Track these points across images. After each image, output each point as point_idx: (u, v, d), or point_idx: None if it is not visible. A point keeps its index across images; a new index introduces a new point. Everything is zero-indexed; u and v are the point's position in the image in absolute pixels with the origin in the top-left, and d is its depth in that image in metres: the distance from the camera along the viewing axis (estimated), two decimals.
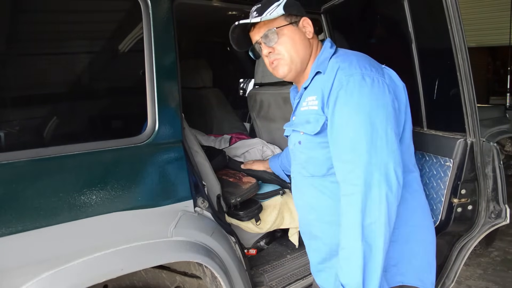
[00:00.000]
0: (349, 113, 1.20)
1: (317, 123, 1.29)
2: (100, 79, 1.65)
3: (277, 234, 2.56)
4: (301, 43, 1.40)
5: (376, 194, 1.13)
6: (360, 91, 1.20)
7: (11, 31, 1.39)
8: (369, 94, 1.20)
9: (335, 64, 1.29)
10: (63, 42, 1.55)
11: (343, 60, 1.30)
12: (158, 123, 1.58)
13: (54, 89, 1.53)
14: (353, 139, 1.18)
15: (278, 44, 1.39)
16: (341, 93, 1.22)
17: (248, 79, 4.67)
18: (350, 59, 1.28)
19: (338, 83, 1.23)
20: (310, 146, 1.35)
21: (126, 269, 1.42)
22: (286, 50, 1.39)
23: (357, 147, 1.17)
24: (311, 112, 1.33)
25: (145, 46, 1.57)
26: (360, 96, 1.19)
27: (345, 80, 1.22)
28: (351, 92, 1.20)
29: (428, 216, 1.42)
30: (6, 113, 1.40)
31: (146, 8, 1.56)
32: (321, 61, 1.37)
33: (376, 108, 1.19)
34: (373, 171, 1.14)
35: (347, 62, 1.27)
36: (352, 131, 1.18)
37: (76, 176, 1.41)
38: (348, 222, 1.16)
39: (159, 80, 1.58)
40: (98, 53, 1.65)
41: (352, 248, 1.14)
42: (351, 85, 1.21)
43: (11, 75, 1.41)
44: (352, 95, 1.20)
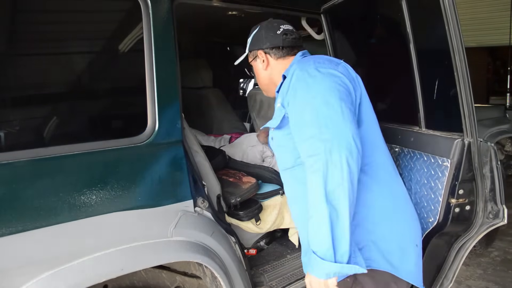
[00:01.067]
0: (304, 97, 1.31)
1: (278, 117, 1.43)
2: (100, 79, 1.65)
3: (277, 234, 2.57)
4: (262, 75, 1.66)
5: (336, 159, 1.16)
6: (314, 78, 1.32)
7: (11, 31, 1.40)
8: (322, 78, 1.31)
9: (294, 66, 1.45)
10: (63, 42, 1.55)
11: (301, 61, 1.47)
12: (158, 123, 1.58)
13: (54, 89, 1.53)
14: (311, 118, 1.25)
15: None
16: (296, 84, 1.36)
17: (248, 79, 4.67)
18: (307, 60, 1.45)
19: (296, 78, 1.37)
20: (279, 140, 1.49)
21: (126, 269, 1.42)
22: (257, 81, 1.73)
23: (314, 124, 1.24)
24: (276, 109, 1.48)
25: (145, 46, 1.57)
26: (314, 82, 1.31)
27: (300, 74, 1.36)
28: (305, 80, 1.33)
29: (403, 203, 1.46)
30: (6, 113, 1.40)
31: (146, 8, 1.56)
32: (288, 68, 1.53)
33: (329, 89, 1.28)
34: (332, 139, 1.18)
35: (303, 62, 1.43)
36: (309, 111, 1.27)
37: (76, 176, 1.41)
38: (313, 191, 1.19)
39: (159, 80, 1.58)
40: (98, 53, 1.65)
41: (318, 215, 1.16)
42: (305, 75, 1.34)
43: (11, 75, 1.41)
44: (306, 82, 1.33)
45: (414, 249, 1.41)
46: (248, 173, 2.47)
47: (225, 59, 4.48)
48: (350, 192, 1.16)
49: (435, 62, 1.71)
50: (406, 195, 1.51)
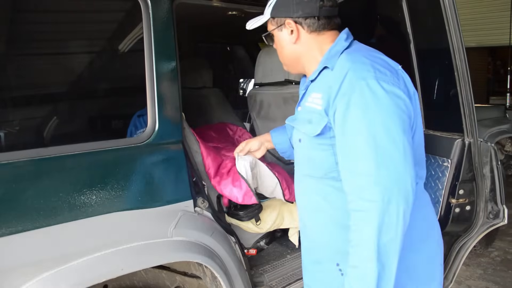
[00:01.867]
0: (360, 118, 1.09)
1: (318, 125, 1.21)
2: (100, 79, 1.66)
3: (277, 234, 2.57)
4: (289, 50, 1.35)
5: (394, 212, 1.03)
6: (376, 98, 1.09)
7: (11, 31, 1.40)
8: (385, 101, 1.09)
9: (345, 62, 1.18)
10: (63, 42, 1.55)
11: (355, 59, 1.18)
12: (158, 123, 1.58)
13: (54, 89, 1.53)
14: (367, 150, 1.07)
15: (275, 46, 1.42)
16: (353, 97, 1.10)
17: (248, 79, 4.67)
18: (362, 60, 1.16)
19: (349, 86, 1.12)
20: (310, 146, 1.28)
21: (126, 269, 1.42)
22: (281, 57, 1.42)
23: (371, 158, 1.06)
24: (314, 111, 1.24)
25: (145, 46, 1.57)
26: (375, 104, 1.09)
27: (358, 84, 1.11)
28: (363, 95, 1.09)
29: (432, 226, 1.33)
30: (6, 113, 1.40)
31: (146, 8, 1.57)
32: (332, 55, 1.25)
33: (392, 118, 1.08)
34: (392, 187, 1.04)
35: (359, 63, 1.16)
36: (365, 140, 1.08)
37: (76, 176, 1.41)
38: (362, 240, 1.07)
39: (159, 80, 1.58)
40: (99, 53, 1.65)
41: (365, 268, 1.06)
42: (364, 88, 1.10)
43: (11, 75, 1.41)
44: (366, 101, 1.09)
45: (440, 267, 1.35)
46: None
47: (225, 59, 4.48)
48: (400, 246, 1.06)
49: (435, 62, 1.71)
50: (433, 212, 1.39)
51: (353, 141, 1.11)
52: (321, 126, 1.20)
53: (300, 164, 1.40)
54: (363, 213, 1.07)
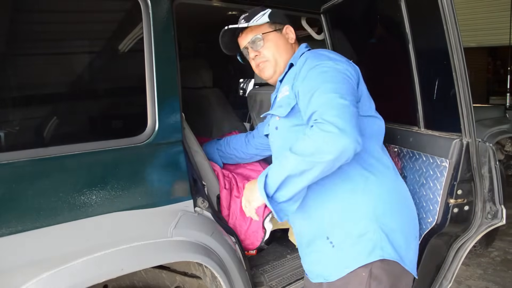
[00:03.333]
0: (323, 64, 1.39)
1: (288, 106, 1.46)
2: (100, 79, 1.66)
3: (277, 234, 2.57)
4: (284, 47, 1.63)
5: (346, 142, 1.19)
6: (330, 68, 1.37)
7: (11, 31, 1.40)
8: (334, 64, 1.39)
9: (304, 56, 1.49)
10: (63, 42, 1.55)
11: (313, 52, 1.52)
12: (158, 123, 1.59)
13: (54, 89, 1.53)
14: (333, 76, 1.37)
15: (264, 49, 1.61)
16: (308, 69, 1.40)
17: (248, 79, 4.67)
18: (319, 52, 1.49)
19: (306, 65, 1.42)
20: (285, 130, 1.51)
21: (126, 269, 1.42)
22: (271, 54, 1.62)
23: (337, 82, 1.34)
24: (284, 97, 1.50)
25: (145, 46, 1.57)
26: (330, 69, 1.37)
27: (312, 63, 1.41)
28: (321, 67, 1.38)
29: (407, 196, 1.53)
30: (6, 113, 1.40)
31: (146, 8, 1.57)
32: (295, 56, 1.59)
33: (343, 79, 1.35)
34: (352, 118, 1.24)
35: (315, 53, 1.49)
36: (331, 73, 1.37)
37: (76, 176, 1.41)
38: (305, 143, 1.24)
39: (159, 80, 1.59)
40: (98, 53, 1.65)
41: (291, 160, 1.25)
42: (318, 63, 1.39)
43: (11, 75, 1.41)
44: (322, 69, 1.37)
45: (415, 241, 1.49)
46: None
47: (225, 59, 4.48)
48: (319, 175, 1.24)
49: (433, 62, 1.71)
50: (406, 188, 1.57)
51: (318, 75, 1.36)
52: (291, 105, 1.45)
53: (280, 151, 1.55)
54: (325, 124, 1.21)
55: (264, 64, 1.63)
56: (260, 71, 1.67)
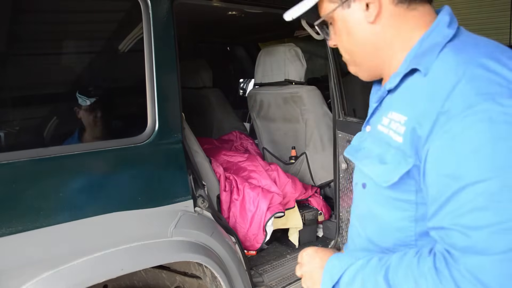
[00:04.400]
0: (488, 142, 0.62)
1: (396, 169, 0.74)
2: (100, 79, 1.65)
3: (277, 234, 2.57)
4: (361, 35, 0.84)
5: None
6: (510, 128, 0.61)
7: (11, 31, 1.40)
8: None
9: (455, 66, 0.69)
10: (63, 42, 1.55)
11: (472, 60, 0.68)
12: (158, 123, 1.58)
13: (54, 89, 1.53)
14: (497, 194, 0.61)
15: (334, 39, 0.91)
16: (470, 126, 0.63)
17: (248, 79, 4.67)
18: (487, 64, 0.66)
19: (463, 105, 0.64)
20: (376, 198, 0.84)
21: (126, 269, 1.42)
22: (343, 48, 0.91)
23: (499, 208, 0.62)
24: (391, 143, 0.77)
25: (145, 46, 1.57)
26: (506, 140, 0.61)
27: (478, 105, 0.63)
28: (494, 126, 0.62)
29: None
30: (6, 113, 1.40)
31: (146, 8, 1.56)
32: (424, 50, 0.76)
33: None
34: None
35: (482, 69, 0.66)
36: (495, 182, 0.61)
37: (76, 176, 1.41)
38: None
39: (159, 80, 1.58)
40: (98, 53, 1.65)
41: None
42: (495, 115, 0.62)
43: (11, 75, 1.41)
44: (495, 132, 0.62)
45: None
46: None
47: (225, 59, 4.48)
48: None
49: None
50: None
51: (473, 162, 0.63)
52: (401, 171, 0.74)
53: (357, 218, 0.94)
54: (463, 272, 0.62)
55: (346, 60, 0.95)
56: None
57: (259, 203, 2.23)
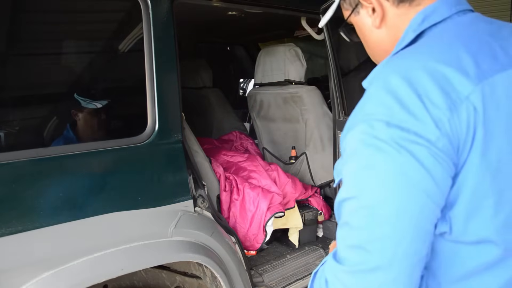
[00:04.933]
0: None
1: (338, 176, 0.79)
2: (100, 79, 1.65)
3: (277, 234, 2.57)
4: (372, 40, 0.86)
5: None
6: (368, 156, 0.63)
7: (11, 31, 1.40)
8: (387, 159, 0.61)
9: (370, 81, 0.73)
10: (63, 42, 1.55)
11: (383, 77, 0.67)
12: (158, 123, 1.58)
13: (54, 89, 1.53)
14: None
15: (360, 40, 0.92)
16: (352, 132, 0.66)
17: (248, 79, 4.67)
18: (392, 83, 0.64)
19: (349, 125, 0.68)
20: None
21: (126, 269, 1.42)
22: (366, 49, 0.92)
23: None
24: None
25: (145, 46, 1.57)
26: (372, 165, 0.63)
27: (356, 128, 0.65)
28: (360, 153, 0.64)
29: None
30: (6, 113, 1.40)
31: (146, 8, 1.56)
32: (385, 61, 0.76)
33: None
34: None
35: (382, 89, 0.65)
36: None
37: (76, 176, 1.41)
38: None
39: (159, 80, 1.58)
40: (99, 53, 1.65)
41: None
42: (365, 141, 0.63)
43: (11, 75, 1.41)
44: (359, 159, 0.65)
45: None
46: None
47: (225, 59, 4.48)
48: None
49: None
50: None
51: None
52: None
53: None
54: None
55: None
56: None
57: (259, 203, 2.23)
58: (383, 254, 0.61)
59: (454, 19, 0.72)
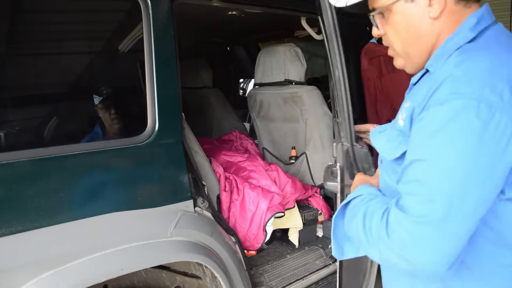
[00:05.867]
0: (437, 146, 0.76)
1: (398, 147, 0.90)
2: (100, 79, 1.65)
3: (277, 234, 2.57)
4: (418, 31, 0.90)
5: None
6: (464, 130, 0.72)
7: (11, 31, 1.40)
8: (477, 140, 0.72)
9: (450, 66, 0.81)
10: (63, 42, 1.55)
11: (464, 62, 0.79)
12: (158, 123, 1.58)
13: (54, 89, 1.53)
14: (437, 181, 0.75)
15: (388, 28, 0.96)
16: (439, 110, 0.76)
17: (248, 79, 4.67)
18: (474, 66, 0.77)
19: (437, 101, 0.77)
20: (388, 173, 1.01)
21: (126, 269, 1.42)
22: (397, 40, 0.95)
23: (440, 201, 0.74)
24: (397, 127, 0.93)
25: (145, 46, 1.57)
26: (461, 137, 0.73)
27: (450, 99, 0.74)
28: (451, 117, 0.74)
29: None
30: (6, 113, 1.40)
31: (146, 8, 1.56)
32: (443, 52, 0.87)
33: (479, 163, 0.73)
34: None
35: (465, 69, 0.78)
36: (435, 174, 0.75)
37: (76, 176, 1.41)
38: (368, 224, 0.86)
39: (159, 80, 1.58)
40: (99, 53, 1.65)
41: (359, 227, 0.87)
42: (451, 112, 0.74)
43: (11, 75, 1.41)
44: (452, 131, 0.74)
45: None
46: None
47: (225, 59, 4.48)
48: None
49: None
50: None
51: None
52: (401, 149, 0.89)
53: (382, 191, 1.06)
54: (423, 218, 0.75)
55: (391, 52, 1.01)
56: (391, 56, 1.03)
57: (259, 203, 2.23)
58: (449, 210, 0.72)
59: (495, 26, 0.87)
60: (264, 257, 2.36)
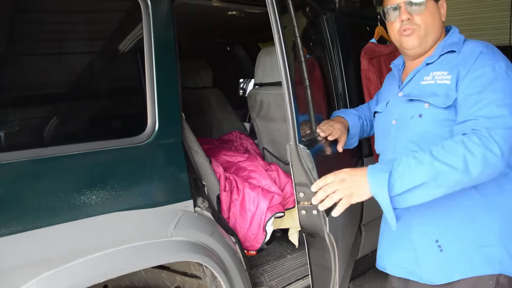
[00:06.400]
0: (493, 77, 1.23)
1: (448, 97, 1.29)
2: (100, 79, 1.65)
3: (277, 234, 2.57)
4: (438, 22, 1.42)
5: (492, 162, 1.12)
6: (507, 78, 1.24)
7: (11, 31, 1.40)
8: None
9: (475, 48, 1.31)
10: (63, 42, 1.55)
11: (487, 46, 1.32)
12: (158, 123, 1.58)
13: (54, 89, 1.53)
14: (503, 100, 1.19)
15: (419, 15, 1.39)
16: (487, 69, 1.24)
17: (248, 79, 4.67)
18: (492, 48, 1.32)
19: (482, 62, 1.26)
20: (432, 121, 1.33)
21: (126, 269, 1.42)
22: (425, 24, 1.39)
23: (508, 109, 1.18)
24: (440, 86, 1.32)
25: (145, 46, 1.57)
26: (506, 73, 1.24)
27: (490, 64, 1.25)
28: (497, 68, 1.24)
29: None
30: (6, 113, 1.40)
31: (146, 8, 1.56)
32: (454, 42, 1.39)
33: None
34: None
35: (490, 50, 1.30)
36: (500, 94, 1.20)
37: (76, 176, 1.41)
38: (452, 153, 1.13)
39: (159, 80, 1.58)
40: (99, 53, 1.65)
41: (425, 164, 1.15)
42: (498, 69, 1.24)
43: (11, 75, 1.41)
44: (498, 69, 1.24)
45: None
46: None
47: (225, 59, 4.48)
48: (457, 189, 1.17)
49: None
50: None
51: (487, 86, 1.22)
52: (452, 98, 1.28)
53: (409, 141, 1.39)
54: (484, 138, 1.13)
55: (413, 31, 1.40)
56: (404, 36, 1.42)
57: (259, 203, 2.23)
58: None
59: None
60: (264, 257, 2.36)
